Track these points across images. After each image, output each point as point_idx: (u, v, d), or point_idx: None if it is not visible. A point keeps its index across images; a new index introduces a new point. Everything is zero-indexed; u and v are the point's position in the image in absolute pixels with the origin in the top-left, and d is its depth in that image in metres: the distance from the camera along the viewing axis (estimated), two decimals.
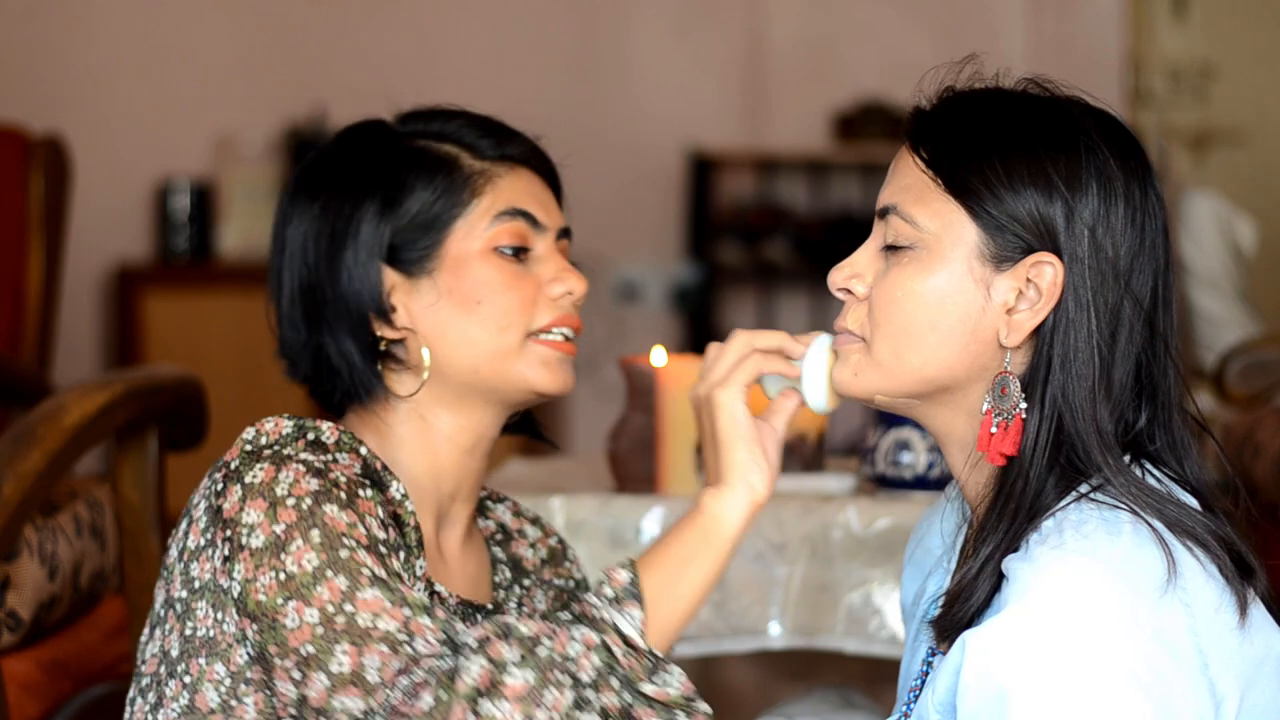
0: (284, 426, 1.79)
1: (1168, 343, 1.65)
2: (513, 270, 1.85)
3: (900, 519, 2.68)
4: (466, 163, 1.86)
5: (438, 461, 1.86)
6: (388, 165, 1.85)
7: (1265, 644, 1.61)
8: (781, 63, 6.49)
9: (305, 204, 1.86)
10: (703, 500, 1.74)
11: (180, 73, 6.06)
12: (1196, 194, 5.61)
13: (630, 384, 2.80)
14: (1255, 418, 3.51)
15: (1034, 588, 1.55)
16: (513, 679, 1.62)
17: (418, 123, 1.89)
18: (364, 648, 1.66)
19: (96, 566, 2.53)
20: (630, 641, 1.68)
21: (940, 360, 1.66)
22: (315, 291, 1.84)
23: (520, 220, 1.86)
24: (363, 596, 1.68)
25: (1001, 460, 1.64)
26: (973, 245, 1.64)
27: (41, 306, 3.70)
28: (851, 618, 2.70)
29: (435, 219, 1.84)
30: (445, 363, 1.84)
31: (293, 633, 1.67)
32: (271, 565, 1.69)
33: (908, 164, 1.68)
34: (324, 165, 1.88)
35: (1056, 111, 1.66)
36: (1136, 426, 1.65)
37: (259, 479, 1.73)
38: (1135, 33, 6.79)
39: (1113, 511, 1.59)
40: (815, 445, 2.83)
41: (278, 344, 1.89)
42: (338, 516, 1.71)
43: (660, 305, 6.44)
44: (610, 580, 1.71)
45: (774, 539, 2.70)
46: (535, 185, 1.90)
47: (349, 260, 1.83)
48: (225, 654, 1.73)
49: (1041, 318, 1.63)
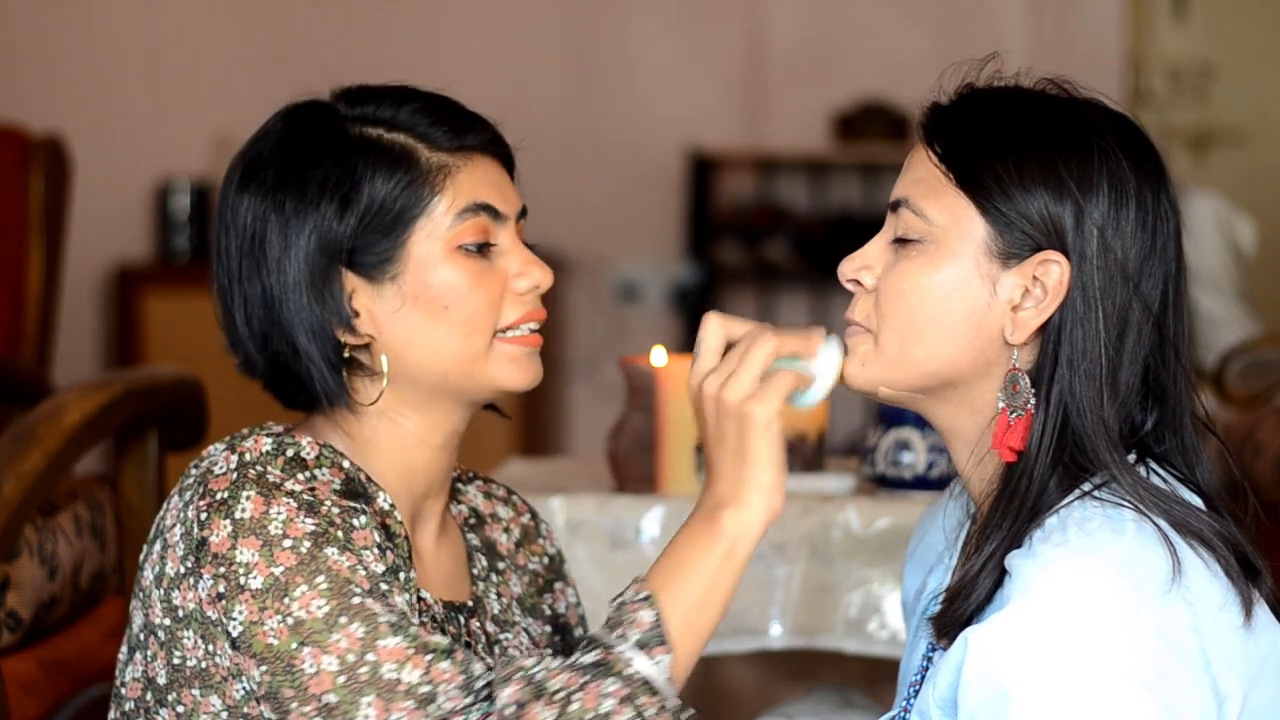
0: (263, 444, 1.74)
1: (1178, 349, 1.65)
2: (477, 268, 1.77)
3: (900, 519, 2.68)
4: (424, 156, 1.77)
5: (411, 462, 1.81)
6: (341, 161, 1.75)
7: (1269, 643, 1.61)
8: (781, 63, 6.49)
9: (253, 197, 1.77)
10: (722, 521, 1.67)
11: (180, 73, 6.06)
12: (1196, 194, 5.61)
13: (630, 384, 2.80)
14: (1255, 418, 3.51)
15: (1037, 584, 1.55)
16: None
17: (365, 104, 1.79)
18: (390, 704, 1.63)
19: (96, 566, 2.53)
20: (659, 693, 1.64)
21: (944, 354, 1.66)
22: (271, 298, 1.76)
23: (482, 215, 1.77)
24: (384, 645, 1.64)
25: (1013, 456, 1.64)
26: (981, 241, 1.64)
27: (41, 306, 3.70)
28: (851, 618, 2.70)
29: (396, 220, 1.75)
30: (413, 368, 1.77)
31: (312, 679, 1.64)
32: (277, 610, 1.65)
33: (921, 158, 1.69)
34: (271, 155, 1.78)
35: (1072, 112, 1.67)
36: (1144, 429, 1.66)
37: (249, 514, 1.68)
38: (1135, 33, 6.78)
39: (1116, 509, 1.59)
40: (815, 445, 2.83)
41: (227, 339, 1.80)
42: (339, 561, 1.67)
43: (660, 305, 6.44)
44: (635, 622, 1.66)
45: (774, 539, 2.70)
46: (493, 172, 1.81)
47: (305, 266, 1.74)
48: (220, 688, 1.70)
49: (1046, 316, 1.63)
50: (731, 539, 1.68)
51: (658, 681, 1.64)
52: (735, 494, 1.68)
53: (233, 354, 1.82)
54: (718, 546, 1.68)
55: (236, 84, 6.05)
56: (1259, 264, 5.80)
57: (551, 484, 2.84)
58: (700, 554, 1.68)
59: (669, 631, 1.66)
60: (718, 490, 1.69)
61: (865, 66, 6.36)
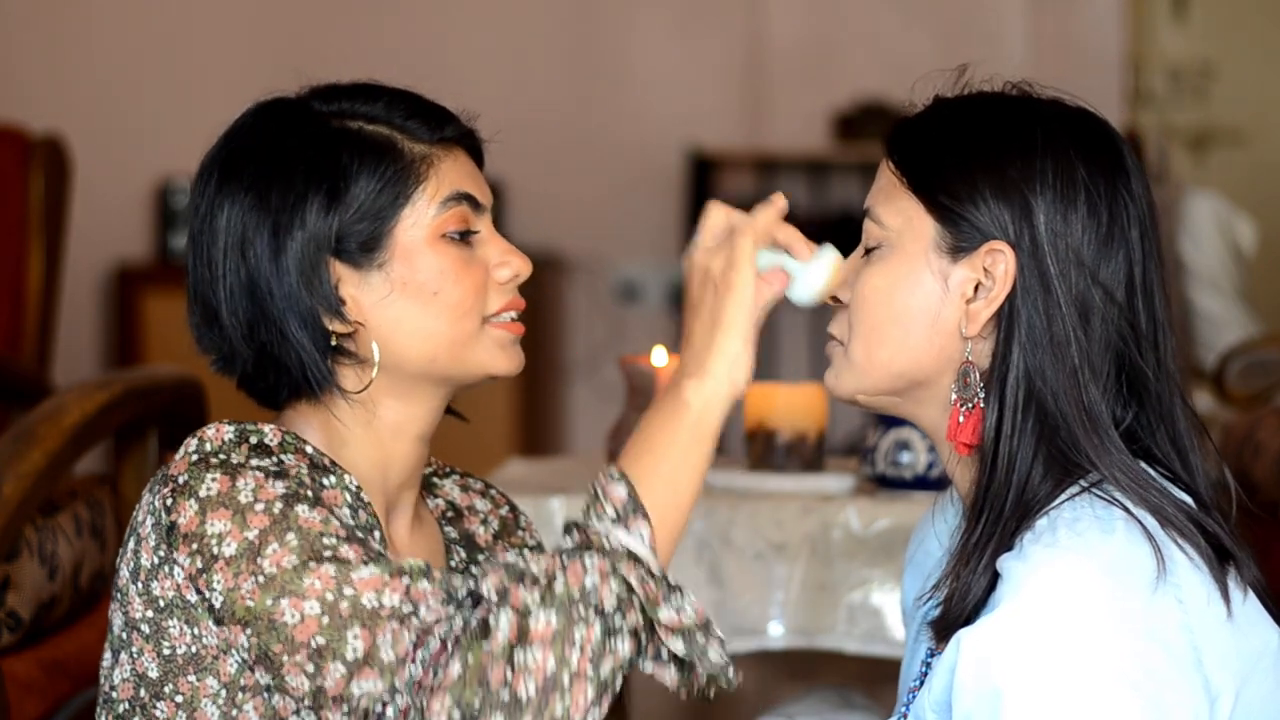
0: (225, 432, 1.75)
1: (1156, 340, 1.66)
2: (462, 256, 1.80)
3: (900, 519, 2.69)
4: (406, 147, 1.79)
5: (386, 452, 1.82)
6: (326, 153, 1.78)
7: (1261, 639, 1.61)
8: (781, 63, 6.49)
9: (236, 193, 1.78)
10: (685, 392, 1.67)
11: (180, 73, 6.06)
12: (1196, 194, 5.60)
13: (630, 384, 2.80)
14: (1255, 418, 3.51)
15: (1027, 586, 1.55)
16: (538, 623, 1.59)
17: (339, 101, 1.82)
18: (375, 629, 1.63)
19: (96, 566, 2.53)
20: (643, 562, 1.63)
21: (906, 354, 1.68)
22: (259, 288, 1.77)
23: (464, 204, 1.80)
24: (359, 576, 1.65)
25: (966, 450, 1.66)
26: (930, 239, 1.67)
27: (41, 306, 3.70)
28: (851, 618, 2.70)
29: (382, 209, 1.78)
30: (400, 354, 1.79)
31: (297, 628, 1.65)
32: (250, 570, 1.66)
33: (883, 168, 1.72)
34: (251, 151, 1.80)
35: (1023, 110, 1.69)
36: (1124, 422, 1.66)
37: (214, 490, 1.69)
38: (1135, 33, 6.78)
39: (1106, 509, 1.59)
40: (815, 445, 2.83)
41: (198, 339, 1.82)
42: (310, 516, 1.69)
43: (660, 305, 6.44)
44: (608, 496, 1.66)
45: (774, 539, 2.70)
46: (469, 164, 1.84)
47: (295, 255, 1.76)
48: (213, 667, 1.71)
49: (996, 306, 1.65)
50: (697, 410, 1.67)
51: (640, 551, 1.63)
52: (700, 363, 1.68)
53: (206, 352, 1.83)
54: (684, 418, 1.67)
55: (236, 84, 6.02)
56: (1259, 264, 5.80)
57: (551, 484, 2.84)
58: (667, 427, 1.68)
59: (645, 503, 1.65)
60: (685, 362, 1.69)
61: (865, 66, 6.36)
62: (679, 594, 1.64)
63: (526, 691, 1.58)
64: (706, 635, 1.64)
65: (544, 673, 1.58)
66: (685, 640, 1.64)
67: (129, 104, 6.02)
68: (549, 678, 1.58)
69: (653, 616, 1.62)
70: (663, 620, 1.63)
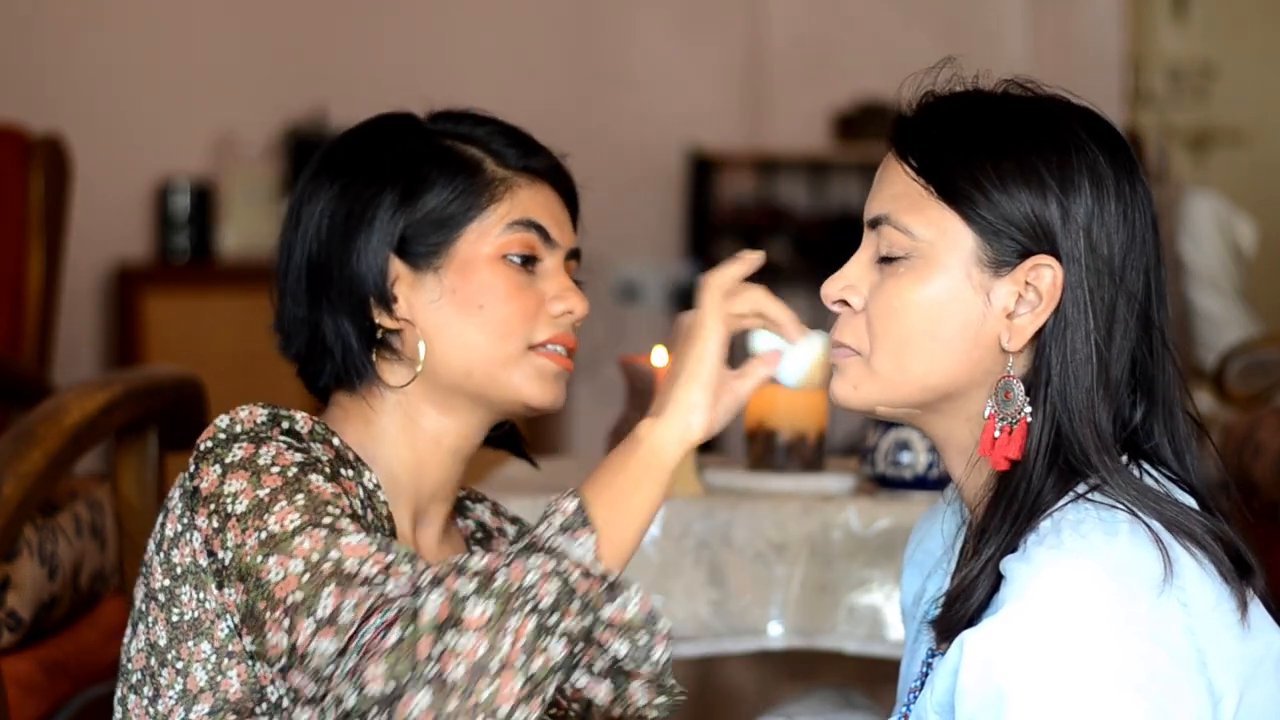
0: (259, 414, 1.79)
1: (1164, 337, 1.66)
2: (518, 280, 1.85)
3: (900, 519, 2.69)
4: (489, 168, 1.86)
5: (420, 459, 1.86)
6: (412, 158, 1.86)
7: (1265, 643, 1.61)
8: (781, 63, 6.49)
9: (325, 184, 1.86)
10: (640, 429, 1.73)
11: (180, 73, 6.06)
12: (1196, 194, 5.61)
13: (630, 384, 2.80)
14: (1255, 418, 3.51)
15: (1031, 588, 1.55)
16: (471, 611, 1.61)
17: (448, 122, 1.90)
18: (347, 590, 1.66)
19: (96, 566, 2.53)
20: (585, 568, 1.65)
21: (943, 369, 1.66)
22: (322, 268, 1.84)
23: (532, 232, 1.86)
24: (347, 542, 1.68)
25: (1005, 465, 1.64)
26: (970, 251, 1.64)
27: (41, 306, 3.70)
28: (851, 618, 2.70)
29: (450, 217, 1.84)
30: (439, 361, 1.83)
31: (278, 585, 1.68)
32: (255, 526, 1.70)
33: (896, 172, 1.69)
34: (349, 149, 1.89)
35: (1041, 111, 1.67)
36: (1133, 422, 1.66)
37: (239, 456, 1.74)
38: (1135, 33, 6.79)
39: (1110, 511, 1.59)
40: (815, 445, 2.83)
41: (276, 316, 1.89)
42: (323, 486, 1.72)
43: (660, 305, 6.44)
44: (558, 509, 1.69)
45: (774, 539, 2.70)
46: (553, 201, 1.91)
47: (360, 243, 1.83)
48: (209, 631, 1.74)
49: (1043, 320, 1.63)
50: (648, 448, 1.72)
51: (583, 557, 1.66)
52: (660, 407, 1.73)
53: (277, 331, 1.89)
54: (636, 452, 1.72)
55: (236, 84, 6.05)
56: (1259, 264, 5.80)
57: (551, 484, 2.83)
58: (619, 461, 1.72)
59: (593, 517, 1.68)
60: (652, 406, 1.74)
61: (865, 66, 6.36)
62: (623, 590, 1.66)
63: (455, 673, 1.59)
64: (651, 633, 1.66)
65: (473, 657, 1.60)
66: (629, 641, 1.65)
67: (129, 104, 6.02)
68: (477, 663, 1.59)
69: (595, 618, 1.64)
70: (605, 618, 1.65)
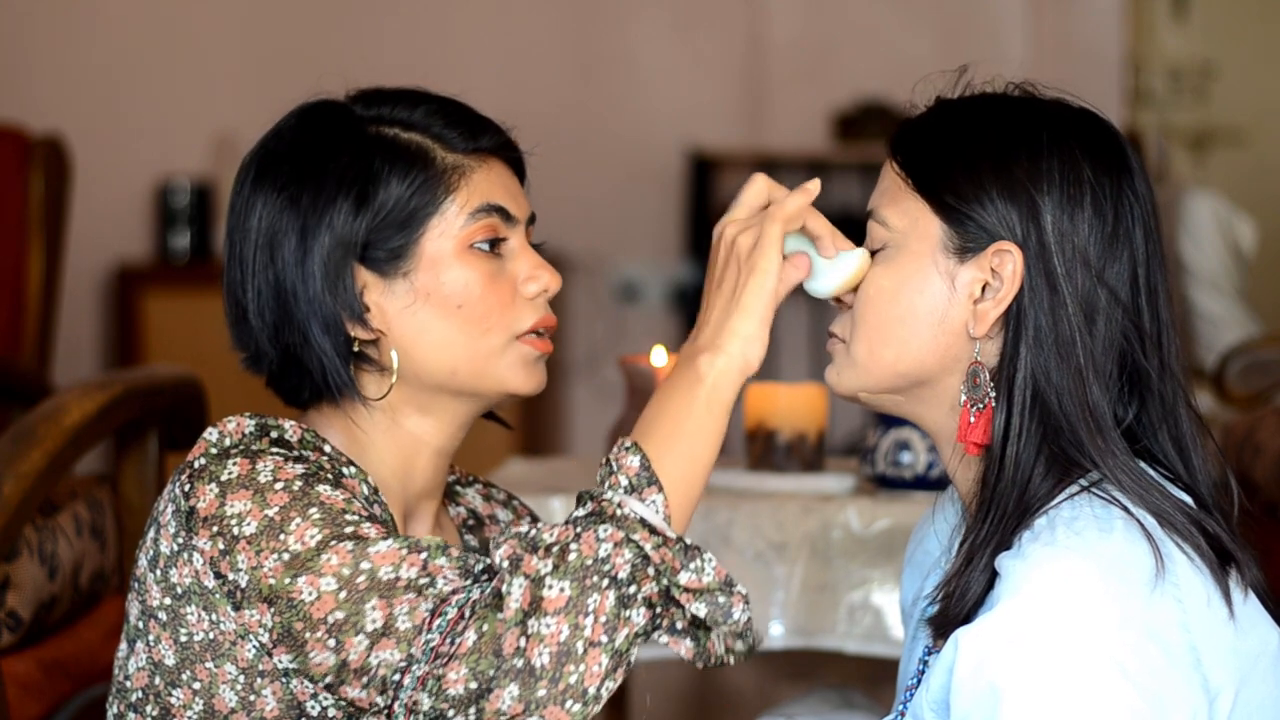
0: (246, 425, 1.76)
1: (1160, 339, 1.66)
2: (489, 269, 1.79)
3: (900, 519, 2.69)
4: (439, 156, 1.80)
5: (407, 461, 1.83)
6: (358, 158, 1.78)
7: (1260, 639, 1.62)
8: (781, 63, 6.49)
9: (269, 193, 1.80)
10: (700, 366, 1.67)
11: (180, 73, 6.06)
12: (1196, 194, 5.61)
13: (630, 384, 2.80)
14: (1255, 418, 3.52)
15: (1025, 584, 1.55)
16: (551, 591, 1.58)
17: (380, 106, 1.83)
18: (393, 600, 1.63)
19: (96, 566, 2.53)
20: (657, 531, 1.62)
21: (912, 354, 1.68)
22: (284, 290, 1.78)
23: (494, 215, 1.80)
24: (376, 550, 1.65)
25: (976, 450, 1.66)
26: (937, 239, 1.68)
27: (41, 306, 3.70)
28: (851, 618, 2.70)
29: (410, 216, 1.78)
30: (420, 365, 1.79)
31: (314, 605, 1.65)
32: (273, 548, 1.67)
33: (886, 169, 1.74)
34: (287, 152, 1.82)
35: (1026, 110, 1.70)
36: (1126, 419, 1.67)
37: (235, 473, 1.70)
38: (1135, 33, 6.78)
39: (1105, 508, 1.59)
40: (815, 445, 2.83)
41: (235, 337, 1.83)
42: (332, 495, 1.69)
43: (660, 305, 6.44)
44: (621, 468, 1.65)
45: (774, 539, 2.70)
46: (505, 176, 1.84)
47: (320, 259, 1.77)
48: (231, 653, 1.71)
49: (1005, 306, 1.65)
50: (710, 384, 1.67)
51: (654, 520, 1.62)
52: (715, 340, 1.68)
53: (238, 349, 1.84)
54: (698, 391, 1.67)
55: (236, 84, 6.05)
56: (1259, 264, 5.80)
57: (551, 484, 2.84)
58: (681, 401, 1.67)
59: (659, 473, 1.64)
60: (700, 337, 1.69)
61: (865, 66, 6.36)
62: (697, 556, 1.63)
63: (540, 660, 1.57)
64: (729, 594, 1.63)
65: (557, 641, 1.57)
66: (708, 602, 1.63)
67: (129, 104, 6.02)
68: (562, 646, 1.57)
69: (671, 583, 1.61)
70: (683, 584, 1.62)
